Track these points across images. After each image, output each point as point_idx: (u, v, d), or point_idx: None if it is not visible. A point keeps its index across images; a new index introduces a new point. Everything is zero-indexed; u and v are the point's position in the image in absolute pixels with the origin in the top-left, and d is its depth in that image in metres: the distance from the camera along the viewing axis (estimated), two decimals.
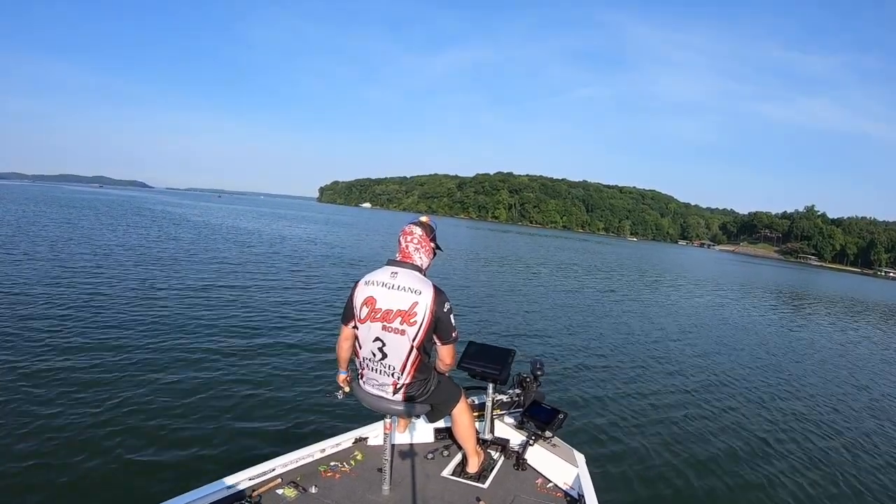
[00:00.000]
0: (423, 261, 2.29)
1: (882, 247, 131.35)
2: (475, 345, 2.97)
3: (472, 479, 2.50)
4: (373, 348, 2.18)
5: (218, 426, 4.09)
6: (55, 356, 5.20)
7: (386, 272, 2.21)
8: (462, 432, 2.53)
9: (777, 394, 7.15)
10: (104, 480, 3.25)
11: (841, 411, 6.79)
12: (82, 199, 49.16)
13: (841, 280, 59.82)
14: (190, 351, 5.80)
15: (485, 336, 7.81)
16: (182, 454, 3.65)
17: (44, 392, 4.35)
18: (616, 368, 7.21)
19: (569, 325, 9.99)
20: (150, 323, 6.77)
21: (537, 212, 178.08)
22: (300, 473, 2.35)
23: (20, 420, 3.84)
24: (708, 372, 7.77)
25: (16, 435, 3.62)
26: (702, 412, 5.91)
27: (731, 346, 10.23)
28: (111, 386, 4.60)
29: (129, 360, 5.30)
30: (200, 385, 4.86)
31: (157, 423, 4.02)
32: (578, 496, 2.35)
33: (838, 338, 13.61)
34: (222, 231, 24.56)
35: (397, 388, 2.20)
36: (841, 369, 9.52)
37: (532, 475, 2.59)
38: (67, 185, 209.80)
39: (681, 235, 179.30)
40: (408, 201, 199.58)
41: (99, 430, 3.82)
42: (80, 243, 14.38)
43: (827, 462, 5.02)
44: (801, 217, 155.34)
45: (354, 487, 2.32)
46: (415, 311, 2.11)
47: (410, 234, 2.29)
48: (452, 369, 2.42)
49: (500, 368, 2.79)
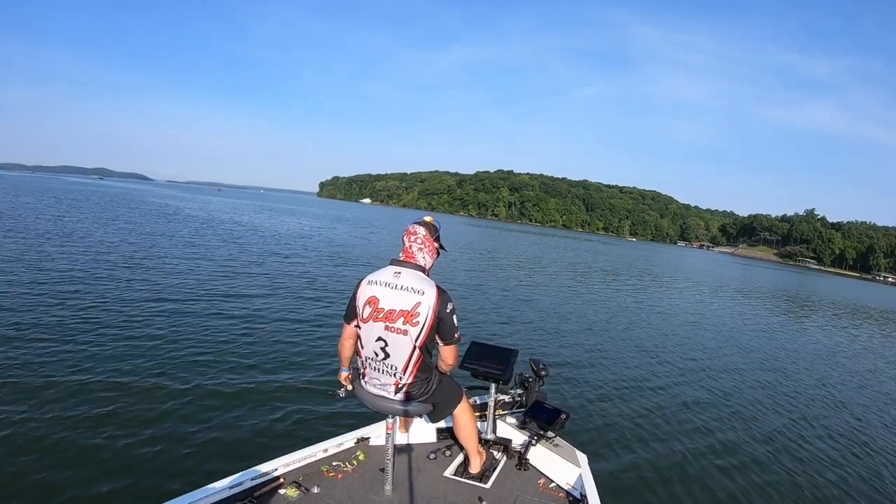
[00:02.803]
0: (427, 261, 2.28)
1: (881, 252, 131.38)
2: (478, 345, 2.96)
3: (474, 479, 2.49)
4: (375, 348, 2.17)
5: (220, 426, 4.09)
6: (56, 354, 5.19)
7: (389, 272, 2.20)
8: (464, 432, 2.52)
9: (780, 396, 7.17)
10: (107, 480, 3.25)
11: (847, 411, 6.80)
12: (79, 190, 49.06)
13: (839, 284, 59.93)
14: (192, 351, 5.79)
15: (487, 336, 7.81)
16: (185, 454, 3.65)
17: (43, 392, 4.34)
18: (618, 369, 7.23)
19: (571, 326, 10.00)
20: (148, 322, 6.76)
21: (537, 210, 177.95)
22: (303, 473, 2.34)
23: (19, 420, 3.83)
24: (710, 373, 7.79)
25: (16, 435, 3.62)
26: (704, 413, 5.93)
27: (733, 348, 10.26)
28: (113, 386, 4.59)
29: (132, 360, 5.29)
30: (202, 385, 4.86)
31: (159, 423, 4.02)
32: (581, 496, 2.34)
33: (840, 341, 13.64)
34: (222, 226, 24.54)
35: (399, 387, 2.19)
36: (842, 372, 9.53)
37: (534, 475, 2.59)
38: (68, 176, 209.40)
39: (680, 236, 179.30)
40: (408, 198, 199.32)
41: (101, 429, 3.81)
42: (71, 239, 14.35)
43: (829, 462, 5.05)
44: (800, 220, 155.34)
45: (357, 487, 2.31)
46: (418, 311, 2.10)
47: (414, 234, 2.28)
48: (454, 369, 2.41)
49: (503, 369, 2.77)
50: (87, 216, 20.95)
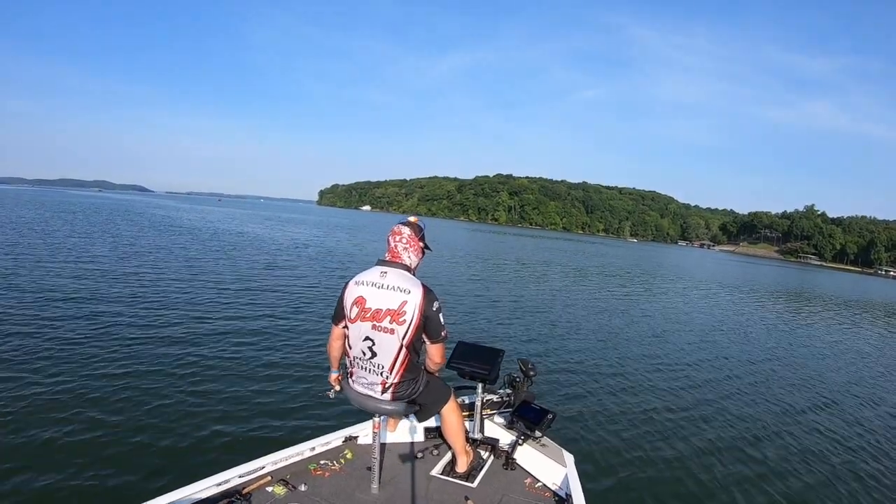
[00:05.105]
0: (412, 260, 2.31)
1: (882, 246, 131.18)
2: (464, 344, 2.98)
3: (461, 478, 2.51)
4: (363, 347, 2.20)
5: (207, 424, 4.11)
6: (56, 353, 5.22)
7: (375, 272, 2.23)
8: (451, 431, 2.54)
9: (770, 393, 7.14)
10: (93, 479, 3.27)
11: (840, 407, 6.79)
12: (81, 203, 49.23)
13: (842, 280, 59.75)
14: (180, 350, 5.84)
15: (475, 336, 7.83)
16: (172, 451, 3.67)
17: (37, 391, 4.36)
18: (606, 369, 7.20)
19: (559, 326, 9.98)
20: (140, 323, 6.79)
21: (537, 213, 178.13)
22: (290, 471, 2.36)
23: (17, 421, 3.86)
24: (699, 372, 7.76)
25: (9, 437, 3.64)
26: (691, 412, 5.90)
27: (725, 347, 10.21)
28: (100, 385, 4.63)
29: (118, 358, 5.33)
30: (191, 383, 4.89)
31: (146, 421, 4.04)
32: (566, 496, 2.36)
33: (838, 336, 13.62)
34: (219, 235, 24.59)
35: (386, 387, 2.21)
36: (844, 367, 9.52)
37: (521, 475, 2.60)
38: (68, 189, 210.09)
39: (681, 236, 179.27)
40: (407, 204, 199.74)
41: (87, 428, 3.84)
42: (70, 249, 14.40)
43: (825, 460, 5.03)
44: (800, 217, 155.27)
45: (344, 486, 2.34)
46: (404, 309, 2.13)
47: (399, 234, 2.31)
48: (442, 368, 2.43)
49: (490, 368, 2.80)
50: (96, 229, 21.04)
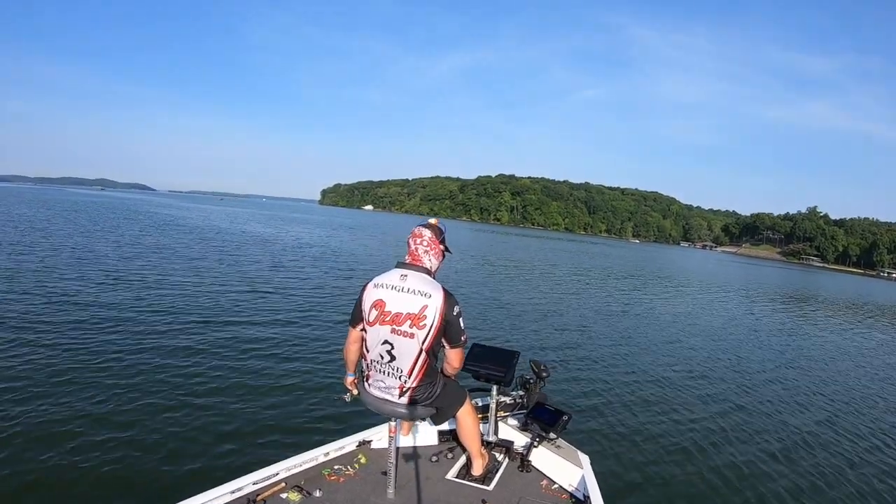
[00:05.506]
0: (433, 263, 2.28)
1: (884, 248, 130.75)
2: (479, 346, 2.96)
3: (476, 481, 2.49)
4: (381, 351, 2.16)
5: (222, 430, 4.10)
6: (64, 357, 5.22)
7: (395, 275, 2.20)
8: (466, 434, 2.53)
9: (785, 395, 7.12)
10: (109, 484, 3.26)
11: (863, 415, 6.75)
12: (84, 201, 49.35)
13: (844, 282, 59.59)
14: (194, 355, 5.81)
15: (489, 338, 7.81)
16: (187, 458, 3.65)
17: (47, 397, 4.36)
18: (620, 370, 7.20)
19: (572, 327, 9.97)
20: (153, 327, 6.79)
21: (539, 214, 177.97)
22: (304, 477, 2.35)
23: (26, 426, 3.86)
24: (713, 373, 7.75)
25: (23, 441, 3.64)
26: (707, 412, 5.90)
27: (737, 348, 10.20)
28: (115, 391, 4.61)
29: (134, 365, 5.31)
30: (205, 390, 4.87)
31: (162, 428, 4.03)
32: (584, 497, 2.34)
33: (850, 340, 13.57)
34: (223, 235, 24.62)
35: (403, 391, 2.19)
36: (854, 372, 9.48)
37: (537, 477, 2.59)
38: (70, 187, 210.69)
39: (683, 237, 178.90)
40: (410, 203, 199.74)
41: (103, 434, 3.83)
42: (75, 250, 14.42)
43: (841, 464, 5.00)
44: (803, 218, 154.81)
45: (359, 491, 2.32)
46: (424, 314, 2.10)
47: (420, 237, 2.28)
48: (459, 372, 2.41)
49: (505, 370, 2.78)
50: (98, 227, 21.08)
